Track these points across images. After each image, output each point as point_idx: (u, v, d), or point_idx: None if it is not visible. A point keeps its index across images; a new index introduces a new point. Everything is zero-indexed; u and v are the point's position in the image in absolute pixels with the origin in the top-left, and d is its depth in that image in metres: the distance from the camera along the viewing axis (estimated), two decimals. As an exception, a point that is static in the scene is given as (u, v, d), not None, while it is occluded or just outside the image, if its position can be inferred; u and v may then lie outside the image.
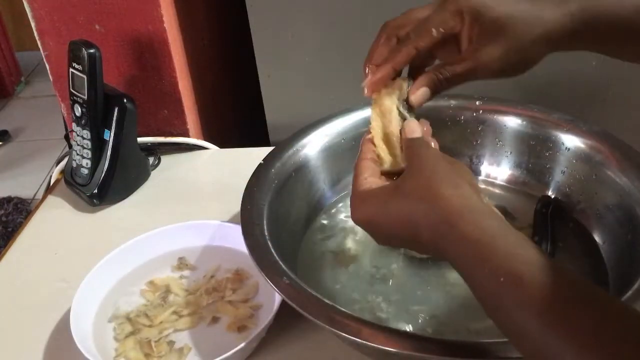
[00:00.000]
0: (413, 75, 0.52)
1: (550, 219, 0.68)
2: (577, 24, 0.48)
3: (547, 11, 0.48)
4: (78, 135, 0.83)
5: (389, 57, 0.51)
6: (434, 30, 0.49)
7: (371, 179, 0.50)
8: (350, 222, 0.72)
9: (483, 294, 0.39)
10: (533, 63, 0.50)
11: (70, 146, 0.89)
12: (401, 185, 0.45)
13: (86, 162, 0.83)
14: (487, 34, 0.48)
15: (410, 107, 0.51)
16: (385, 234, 0.46)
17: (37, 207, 0.88)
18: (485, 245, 0.39)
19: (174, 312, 0.65)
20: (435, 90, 0.50)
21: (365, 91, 0.52)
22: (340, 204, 0.74)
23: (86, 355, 0.57)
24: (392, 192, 0.45)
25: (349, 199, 0.51)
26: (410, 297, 0.63)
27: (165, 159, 0.95)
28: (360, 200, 0.48)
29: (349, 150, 0.74)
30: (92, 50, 0.77)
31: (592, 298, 0.36)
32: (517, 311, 0.37)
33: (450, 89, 0.50)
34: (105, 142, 0.82)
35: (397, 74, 0.52)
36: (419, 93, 0.50)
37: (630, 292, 0.51)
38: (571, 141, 0.70)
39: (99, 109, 0.81)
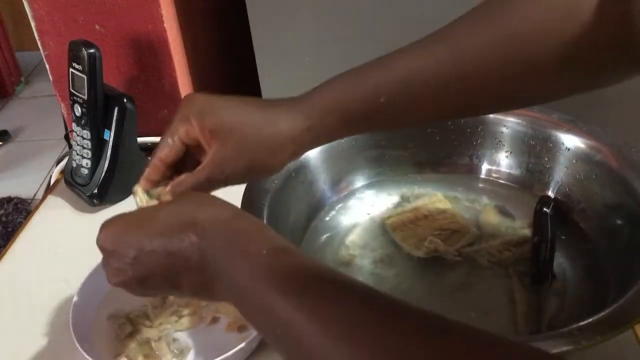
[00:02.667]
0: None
1: (550, 219, 0.68)
2: (321, 123, 0.50)
3: (282, 117, 0.49)
4: (78, 135, 0.83)
5: (145, 171, 0.53)
6: (169, 140, 0.50)
7: None
8: (351, 222, 0.72)
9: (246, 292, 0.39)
10: (280, 163, 0.51)
11: (70, 146, 0.89)
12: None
13: (86, 162, 0.83)
14: (218, 139, 0.48)
15: None
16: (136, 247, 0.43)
17: (37, 207, 0.88)
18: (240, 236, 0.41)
19: (174, 313, 0.65)
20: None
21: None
22: (340, 204, 0.74)
23: (86, 355, 0.57)
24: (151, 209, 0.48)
25: (348, 198, 0.51)
26: (409, 297, 0.63)
27: (165, 159, 0.94)
28: (110, 220, 0.47)
29: (349, 150, 0.74)
30: (92, 50, 0.77)
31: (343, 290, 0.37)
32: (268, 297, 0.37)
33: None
34: (105, 142, 0.82)
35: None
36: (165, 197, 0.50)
37: (630, 292, 0.51)
38: (571, 141, 0.70)
39: (99, 109, 0.80)
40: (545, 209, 0.69)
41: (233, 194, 0.65)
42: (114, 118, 0.81)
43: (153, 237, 0.43)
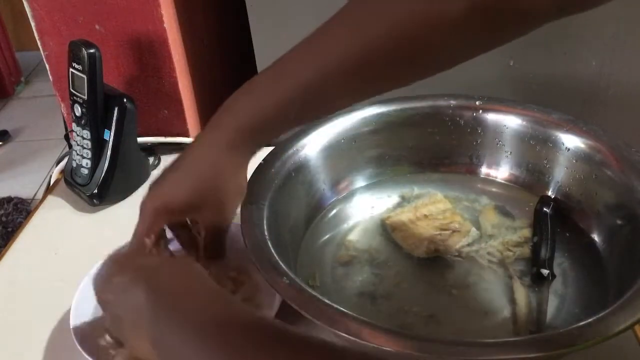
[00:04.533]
0: None
1: (550, 219, 0.68)
2: (250, 147, 0.57)
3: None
4: (78, 135, 0.83)
5: None
6: (145, 239, 0.57)
7: None
8: (351, 222, 0.72)
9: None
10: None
11: (70, 146, 0.89)
12: None
13: (86, 162, 0.83)
14: (189, 214, 0.60)
15: None
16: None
17: (37, 207, 0.88)
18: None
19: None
20: None
21: None
22: (340, 204, 0.74)
23: (86, 355, 0.57)
24: None
25: (348, 199, 0.51)
26: (409, 297, 0.63)
27: (165, 159, 0.94)
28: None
29: (349, 150, 0.74)
30: (92, 50, 0.77)
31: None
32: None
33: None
34: (105, 142, 0.82)
35: None
36: None
37: (630, 292, 0.51)
38: (571, 141, 0.70)
39: (99, 109, 0.80)
40: (545, 209, 0.69)
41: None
42: (114, 118, 0.81)
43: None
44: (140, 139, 0.89)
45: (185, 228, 0.62)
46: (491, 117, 0.74)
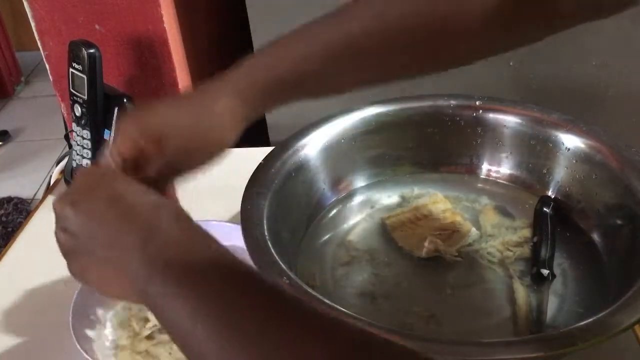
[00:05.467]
0: None
1: (550, 219, 0.68)
2: (253, 99, 0.52)
3: (214, 109, 0.51)
4: (78, 135, 0.83)
5: None
6: (112, 156, 0.51)
7: None
8: (351, 222, 0.72)
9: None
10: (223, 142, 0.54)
11: (70, 146, 0.89)
12: None
13: (86, 162, 0.83)
14: (160, 142, 0.50)
15: None
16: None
17: (37, 207, 0.88)
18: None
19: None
20: None
21: None
22: (340, 204, 0.74)
23: (86, 355, 0.57)
24: None
25: (348, 199, 0.51)
26: (410, 297, 0.63)
27: (165, 159, 0.94)
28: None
29: (349, 150, 0.74)
30: (92, 50, 0.77)
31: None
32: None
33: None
34: (105, 142, 0.82)
35: None
36: None
37: (630, 292, 0.51)
38: (571, 141, 0.70)
39: (99, 109, 0.80)
40: (545, 209, 0.69)
41: (233, 194, 0.65)
42: (114, 118, 0.81)
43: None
44: (140, 139, 0.89)
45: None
46: (491, 117, 0.74)
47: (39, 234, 0.82)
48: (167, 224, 0.41)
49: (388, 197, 0.75)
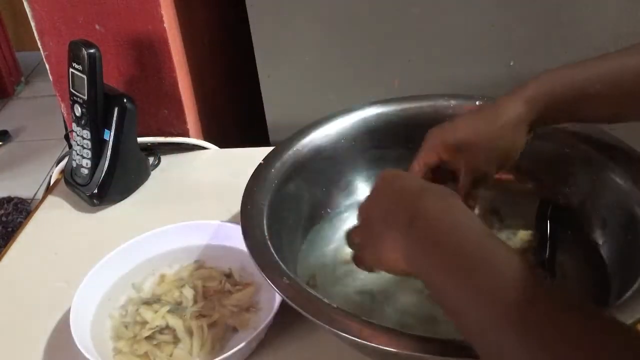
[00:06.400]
0: None
1: (551, 221, 0.68)
2: (538, 107, 0.58)
3: (505, 115, 0.58)
4: (78, 135, 0.83)
5: None
6: (416, 165, 0.62)
7: None
8: (351, 223, 0.72)
9: (454, 296, 0.40)
10: (519, 146, 0.61)
11: (70, 146, 0.89)
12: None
13: (86, 162, 0.83)
14: (462, 152, 0.59)
15: None
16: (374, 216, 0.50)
17: (37, 207, 0.88)
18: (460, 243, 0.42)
19: (174, 313, 0.65)
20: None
21: None
22: (341, 205, 0.74)
23: (86, 355, 0.57)
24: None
25: (348, 199, 0.51)
26: (410, 297, 0.63)
27: (165, 159, 0.95)
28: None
29: (349, 150, 0.74)
30: (92, 50, 0.77)
31: (571, 309, 0.36)
32: (489, 320, 0.37)
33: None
34: (105, 142, 0.82)
35: None
36: None
37: (630, 292, 0.51)
38: (571, 141, 0.69)
39: (99, 109, 0.81)
40: (546, 211, 0.69)
41: (233, 194, 0.65)
42: (114, 118, 0.81)
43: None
44: (140, 139, 0.89)
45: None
46: (491, 117, 0.74)
47: (39, 234, 0.82)
48: (432, 205, 0.44)
49: (388, 197, 0.75)
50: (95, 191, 0.83)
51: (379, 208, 0.49)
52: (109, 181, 0.83)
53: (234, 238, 0.68)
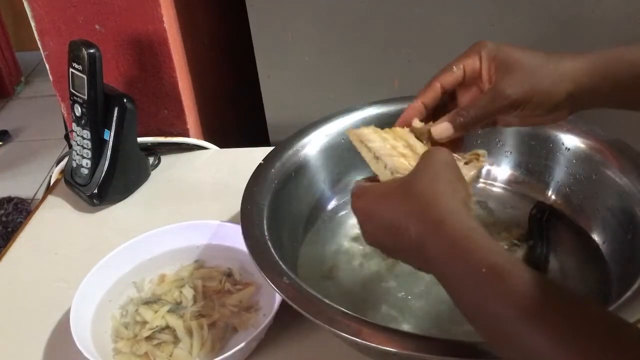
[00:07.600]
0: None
1: (545, 223, 0.68)
2: (598, 73, 0.53)
3: (565, 57, 0.54)
4: (78, 135, 0.83)
5: (418, 94, 0.57)
6: (454, 67, 0.55)
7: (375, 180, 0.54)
8: (351, 223, 0.72)
9: (464, 292, 0.41)
10: (558, 97, 0.53)
11: (70, 146, 0.89)
12: (403, 183, 0.47)
13: (86, 162, 0.83)
14: (503, 69, 0.53)
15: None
16: (376, 225, 0.49)
17: (37, 207, 0.88)
18: (468, 240, 0.41)
19: (173, 313, 0.65)
20: (459, 127, 0.54)
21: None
22: (340, 205, 0.74)
23: (86, 355, 0.57)
24: (393, 187, 0.48)
25: (349, 198, 0.51)
26: (410, 297, 0.63)
27: (165, 159, 0.95)
28: (362, 190, 0.51)
29: (349, 150, 0.74)
30: (92, 50, 0.77)
31: (577, 305, 0.37)
32: (499, 309, 0.38)
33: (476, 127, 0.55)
34: (105, 142, 0.82)
35: (429, 112, 0.58)
36: (440, 127, 0.55)
37: (630, 292, 0.51)
38: (571, 141, 0.70)
39: (99, 109, 0.81)
40: (539, 214, 0.69)
41: (233, 194, 0.65)
42: (114, 118, 0.81)
43: (382, 223, 0.48)
44: (140, 139, 0.89)
45: None
46: (491, 117, 0.74)
47: (39, 234, 0.82)
48: (445, 198, 0.44)
49: (388, 197, 0.75)
50: (95, 191, 0.83)
51: (381, 240, 0.49)
52: (109, 181, 0.83)
53: (234, 238, 0.68)
